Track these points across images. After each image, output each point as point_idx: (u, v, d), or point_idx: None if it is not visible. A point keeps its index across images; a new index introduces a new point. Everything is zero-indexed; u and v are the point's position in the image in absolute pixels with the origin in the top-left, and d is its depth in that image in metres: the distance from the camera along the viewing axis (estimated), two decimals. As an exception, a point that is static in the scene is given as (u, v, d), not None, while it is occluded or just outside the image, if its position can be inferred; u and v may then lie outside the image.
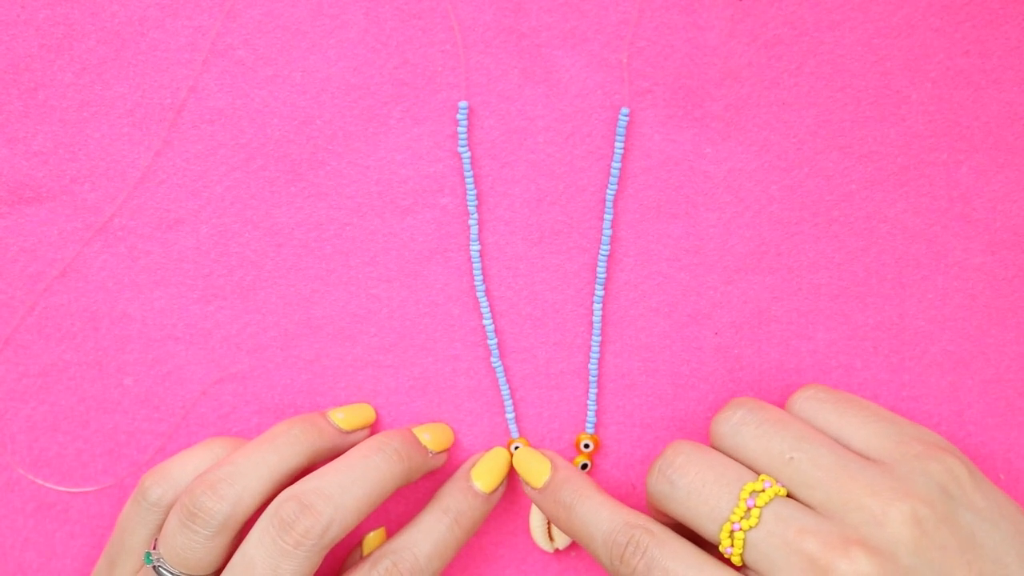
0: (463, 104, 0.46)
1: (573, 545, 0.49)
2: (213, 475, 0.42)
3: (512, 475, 0.48)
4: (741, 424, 0.42)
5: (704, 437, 0.48)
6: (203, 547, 0.41)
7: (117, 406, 0.48)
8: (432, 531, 0.44)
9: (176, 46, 0.46)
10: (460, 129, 0.46)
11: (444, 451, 0.47)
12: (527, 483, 0.46)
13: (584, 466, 0.48)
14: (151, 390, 0.48)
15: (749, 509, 0.40)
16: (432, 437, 0.46)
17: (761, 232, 0.47)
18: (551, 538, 0.48)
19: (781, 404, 0.48)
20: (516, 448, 0.48)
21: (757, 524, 0.39)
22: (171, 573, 0.42)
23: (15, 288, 0.47)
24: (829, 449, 0.41)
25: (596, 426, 0.48)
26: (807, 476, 0.40)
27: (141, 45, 0.46)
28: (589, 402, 0.48)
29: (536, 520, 0.48)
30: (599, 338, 0.47)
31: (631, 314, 0.47)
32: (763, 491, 0.40)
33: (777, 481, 0.40)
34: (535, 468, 0.45)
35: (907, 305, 0.47)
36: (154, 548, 0.42)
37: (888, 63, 0.46)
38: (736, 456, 0.42)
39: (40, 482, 0.48)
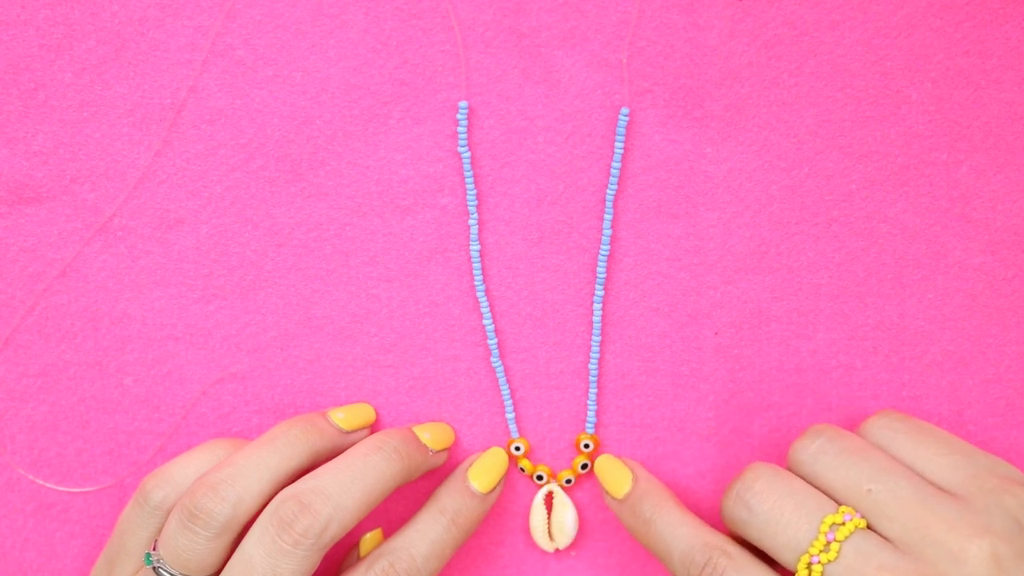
0: (463, 104, 0.46)
1: (572, 545, 0.49)
2: (214, 477, 0.42)
3: (510, 475, 0.48)
4: (820, 452, 0.42)
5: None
6: (204, 548, 0.41)
7: (117, 406, 0.48)
8: (429, 531, 0.44)
9: (176, 46, 0.46)
10: (460, 129, 0.46)
11: (444, 450, 0.47)
12: (607, 492, 0.46)
13: (584, 466, 0.48)
14: (151, 390, 0.48)
15: (829, 543, 0.39)
16: (432, 436, 0.46)
17: (761, 232, 0.47)
18: (551, 538, 0.48)
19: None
20: (516, 449, 0.48)
21: (836, 558, 0.39)
22: (171, 574, 0.42)
23: (15, 288, 0.47)
24: (908, 482, 0.40)
25: (596, 426, 0.48)
26: (885, 508, 0.40)
27: (141, 45, 0.46)
28: (589, 402, 0.48)
29: (536, 520, 0.48)
30: (599, 338, 0.47)
31: (631, 314, 0.47)
32: (843, 524, 0.40)
33: (856, 512, 0.40)
34: (617, 477, 0.46)
35: (907, 305, 0.47)
36: (154, 550, 0.42)
37: (888, 63, 0.46)
38: (814, 484, 0.42)
39: (40, 482, 0.48)
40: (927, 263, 0.47)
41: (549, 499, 0.48)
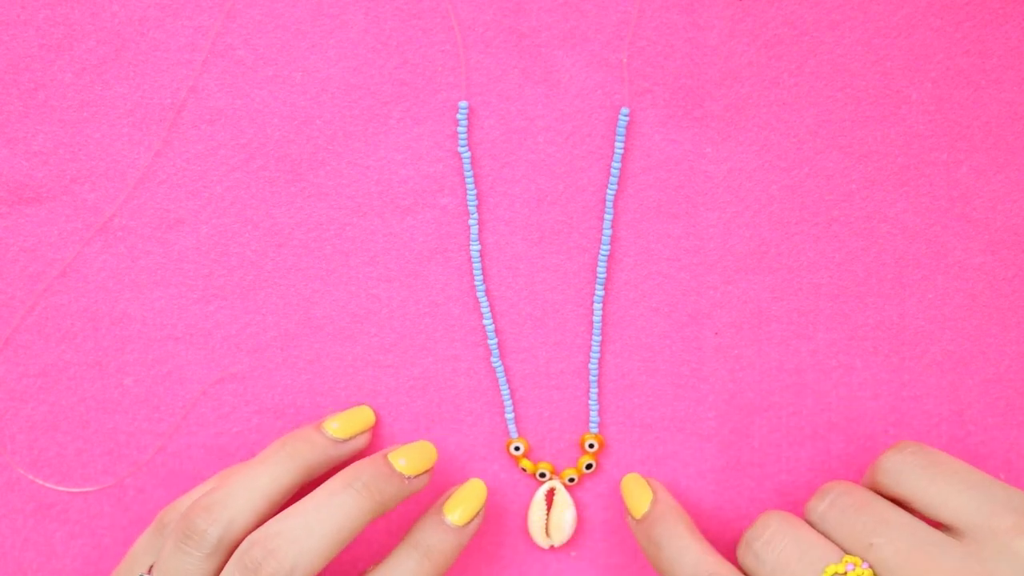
0: (463, 104, 0.46)
1: (572, 544, 0.49)
2: (207, 499, 0.42)
3: (510, 475, 0.48)
4: (828, 510, 0.42)
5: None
6: (196, 569, 0.41)
7: (117, 406, 0.48)
8: (401, 566, 0.44)
9: (176, 46, 0.46)
10: (460, 129, 0.46)
11: (425, 473, 0.45)
12: (628, 511, 0.46)
13: (589, 466, 0.48)
14: (151, 390, 0.48)
15: None
16: (409, 462, 0.44)
17: (761, 232, 0.47)
18: (547, 535, 0.48)
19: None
20: (515, 449, 0.48)
21: None
22: None
23: (15, 288, 0.47)
24: (910, 532, 0.40)
25: (598, 426, 0.48)
26: (887, 562, 0.40)
27: (141, 45, 0.46)
28: (591, 402, 0.48)
29: (535, 516, 0.48)
30: (599, 338, 0.47)
31: (631, 314, 0.47)
32: (845, 574, 0.40)
33: (862, 563, 0.40)
34: (637, 497, 0.46)
35: (907, 305, 0.47)
36: (149, 572, 0.43)
37: (888, 63, 0.46)
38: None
39: (40, 482, 0.48)
40: (927, 263, 0.47)
41: (550, 496, 0.48)
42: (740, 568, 0.43)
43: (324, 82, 0.46)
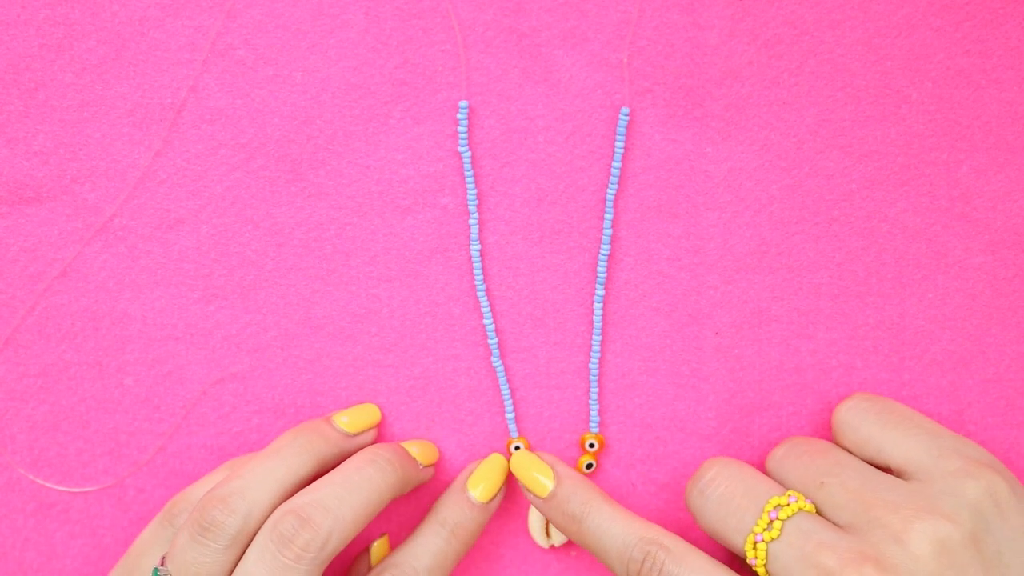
0: (463, 104, 0.46)
1: (570, 543, 0.49)
2: (223, 490, 0.42)
3: (510, 481, 0.48)
4: (784, 457, 0.44)
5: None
6: (214, 561, 0.41)
7: (117, 406, 0.48)
8: (430, 544, 0.45)
9: (176, 46, 0.46)
10: (460, 129, 0.46)
11: (431, 465, 0.47)
12: (529, 491, 0.45)
13: (589, 466, 0.48)
14: (151, 390, 0.48)
15: (772, 521, 0.40)
16: (420, 451, 0.47)
17: (761, 232, 0.47)
18: (548, 534, 0.48)
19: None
20: (516, 448, 0.48)
21: (779, 536, 0.40)
22: None
23: (15, 288, 0.47)
24: (858, 472, 0.41)
25: (598, 426, 0.48)
26: (836, 498, 0.41)
27: (141, 45, 0.46)
28: (591, 402, 0.48)
29: (535, 515, 0.48)
30: (599, 338, 0.47)
31: (631, 314, 0.47)
32: (787, 505, 0.41)
33: (806, 499, 0.41)
34: (537, 476, 0.45)
35: (907, 305, 0.47)
36: (162, 565, 0.42)
37: (888, 63, 0.46)
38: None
39: (40, 482, 0.48)
40: (927, 263, 0.47)
41: (549, 499, 0.48)
42: (690, 511, 0.43)
43: (324, 82, 0.46)
